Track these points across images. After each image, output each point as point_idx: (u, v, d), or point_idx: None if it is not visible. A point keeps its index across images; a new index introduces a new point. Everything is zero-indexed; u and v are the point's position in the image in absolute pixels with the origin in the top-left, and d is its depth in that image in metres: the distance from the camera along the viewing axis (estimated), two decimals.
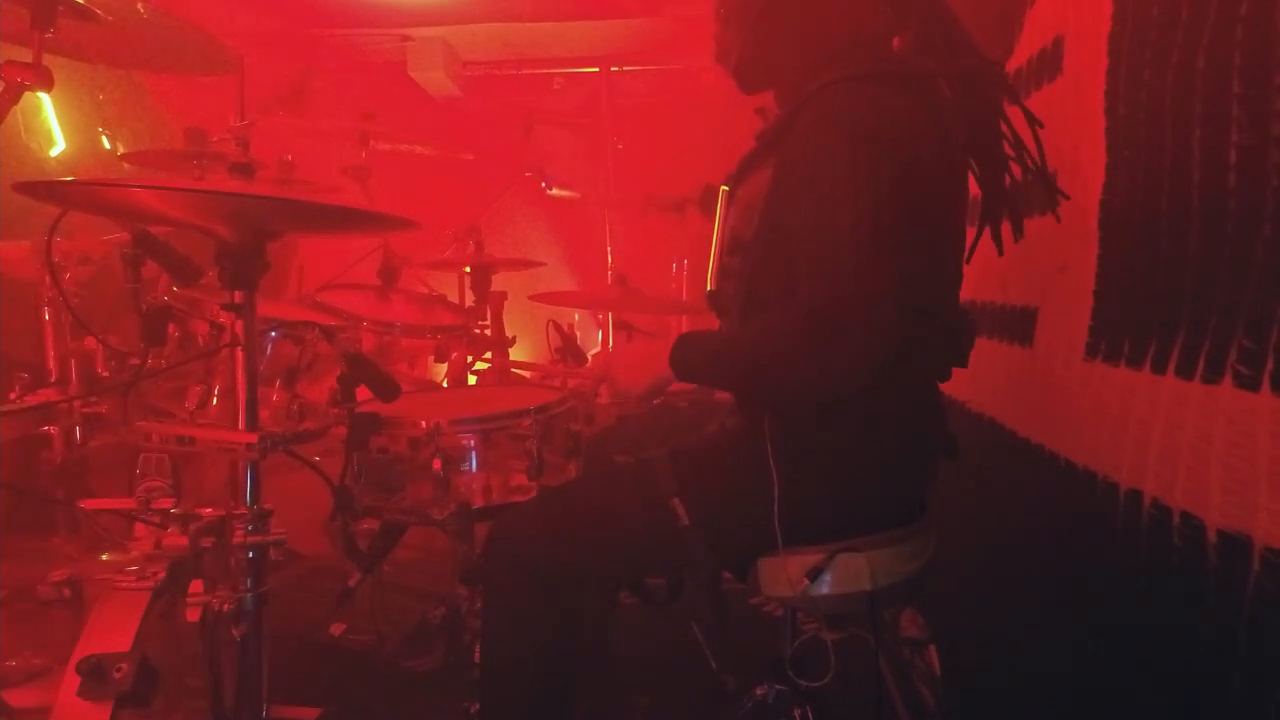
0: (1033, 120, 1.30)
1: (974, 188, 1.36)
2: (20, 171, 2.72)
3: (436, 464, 1.68)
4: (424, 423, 1.73)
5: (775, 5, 1.34)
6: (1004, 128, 1.30)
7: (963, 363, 1.37)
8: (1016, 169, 1.33)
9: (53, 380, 2.00)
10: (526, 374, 2.73)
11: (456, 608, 1.82)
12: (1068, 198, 1.40)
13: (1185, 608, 1.04)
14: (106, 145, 3.07)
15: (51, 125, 2.94)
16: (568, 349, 2.52)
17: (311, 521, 2.38)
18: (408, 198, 3.98)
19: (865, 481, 1.31)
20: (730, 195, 1.40)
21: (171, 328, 1.85)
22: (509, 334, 2.80)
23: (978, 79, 1.27)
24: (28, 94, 1.58)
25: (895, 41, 1.34)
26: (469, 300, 2.80)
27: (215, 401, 1.91)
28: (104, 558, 1.72)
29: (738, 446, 1.34)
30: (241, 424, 1.25)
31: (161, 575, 1.26)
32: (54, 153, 2.95)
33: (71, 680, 1.11)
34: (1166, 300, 1.13)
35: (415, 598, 2.26)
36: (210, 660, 1.32)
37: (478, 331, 2.71)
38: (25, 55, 1.60)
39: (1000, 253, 1.37)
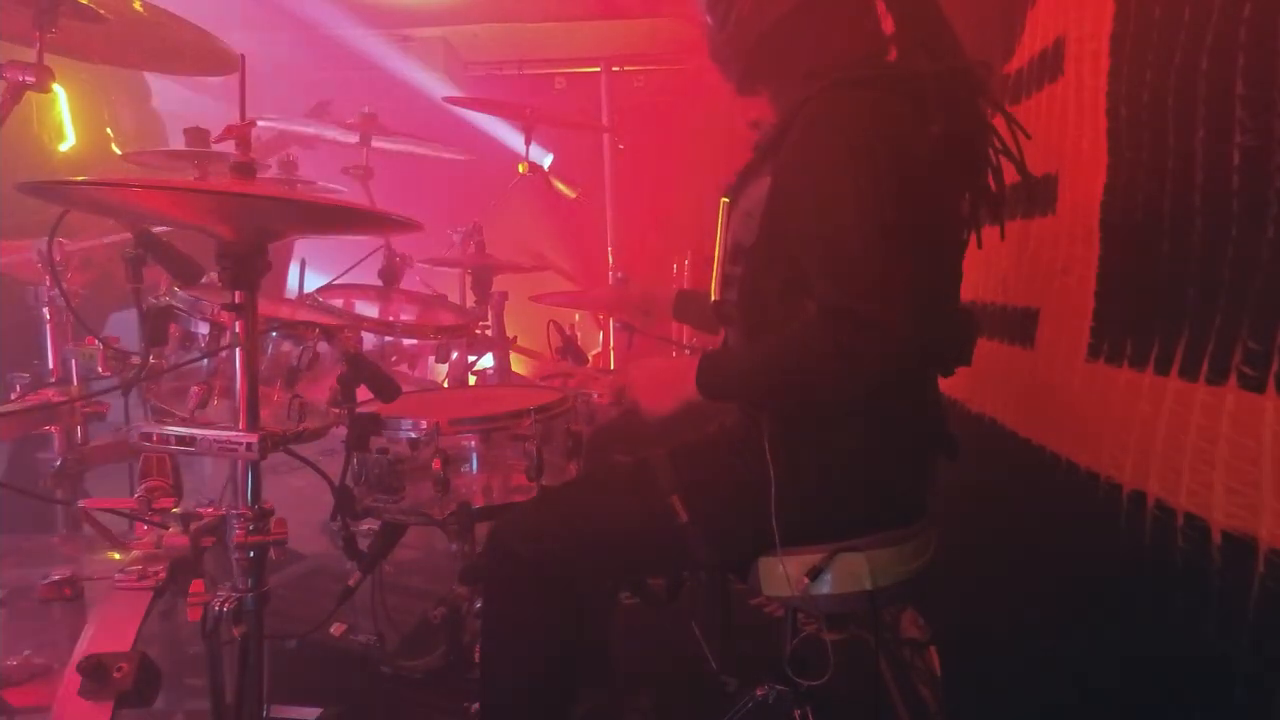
0: (1012, 121, 1.32)
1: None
2: (28, 165, 2.71)
3: (436, 464, 1.68)
4: (424, 423, 1.73)
5: (785, 21, 1.34)
6: (992, 128, 1.31)
7: (967, 360, 1.37)
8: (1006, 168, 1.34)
9: (53, 380, 1.99)
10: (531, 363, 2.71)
11: (456, 608, 1.81)
12: (1035, 178, 1.41)
13: (1189, 609, 1.04)
14: (116, 151, 3.06)
15: (64, 120, 2.93)
16: (568, 349, 2.51)
17: (311, 521, 2.38)
18: (408, 198, 3.96)
19: (865, 481, 1.31)
20: (731, 206, 1.41)
21: (172, 328, 1.85)
22: (510, 334, 2.80)
23: (963, 80, 1.28)
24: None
25: (893, 51, 1.36)
26: (470, 301, 2.80)
27: (215, 401, 1.91)
28: (104, 557, 1.71)
29: (737, 445, 1.34)
30: (242, 424, 1.25)
31: (162, 575, 1.25)
32: (63, 147, 2.94)
33: (72, 680, 1.10)
34: (1169, 301, 1.13)
35: (415, 598, 2.25)
36: (210, 660, 1.31)
37: (478, 332, 2.71)
38: (27, 55, 1.60)
39: (979, 246, 1.38)
